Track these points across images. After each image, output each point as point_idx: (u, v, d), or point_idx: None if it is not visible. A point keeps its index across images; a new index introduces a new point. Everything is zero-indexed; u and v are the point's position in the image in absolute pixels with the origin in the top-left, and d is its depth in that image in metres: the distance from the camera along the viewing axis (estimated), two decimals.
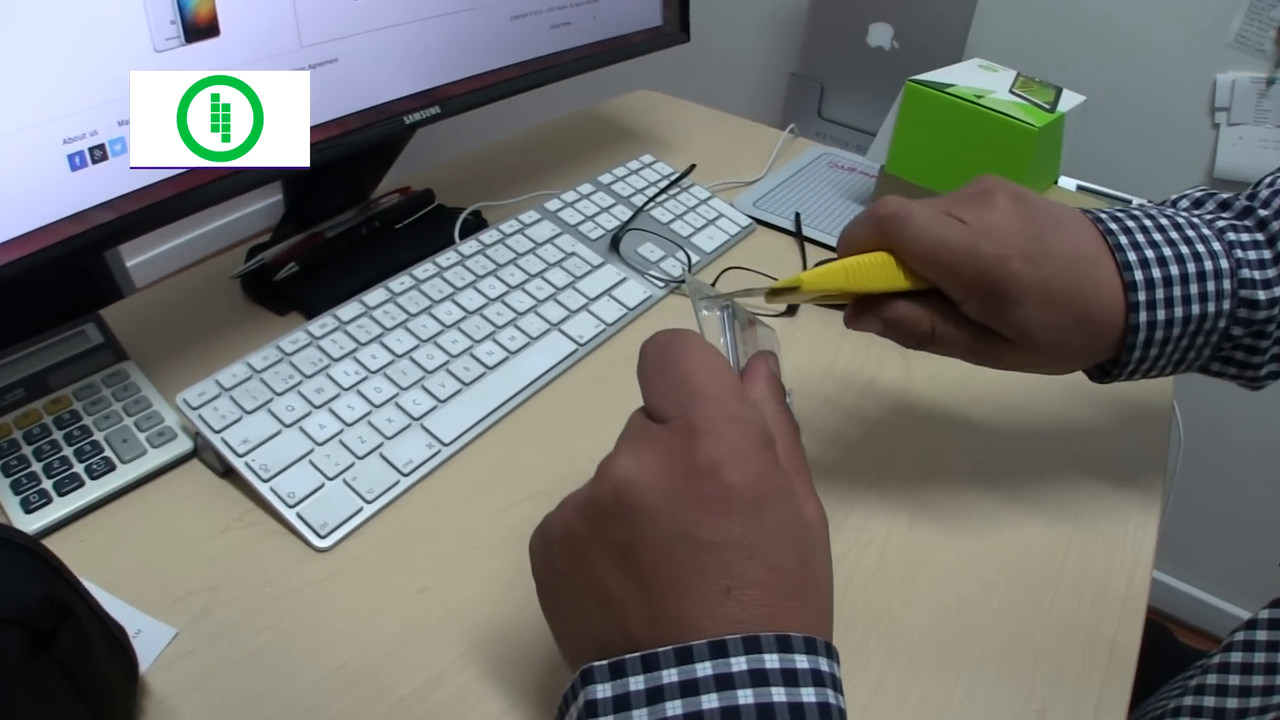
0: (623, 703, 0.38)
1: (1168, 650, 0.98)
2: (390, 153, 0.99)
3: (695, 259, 1.04)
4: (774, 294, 0.60)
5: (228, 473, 0.72)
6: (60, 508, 0.67)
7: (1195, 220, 0.64)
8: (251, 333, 0.86)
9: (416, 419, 0.76)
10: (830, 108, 1.95)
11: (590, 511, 0.44)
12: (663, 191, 1.13)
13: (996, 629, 0.69)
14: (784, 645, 0.38)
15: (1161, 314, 0.61)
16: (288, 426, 0.73)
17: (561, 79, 1.05)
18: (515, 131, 1.33)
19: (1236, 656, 0.64)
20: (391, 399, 0.77)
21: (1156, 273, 0.61)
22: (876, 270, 0.60)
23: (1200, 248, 0.62)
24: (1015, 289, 0.58)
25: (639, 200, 1.10)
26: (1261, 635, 0.63)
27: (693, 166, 1.20)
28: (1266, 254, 0.63)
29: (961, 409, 0.89)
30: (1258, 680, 0.62)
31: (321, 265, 0.92)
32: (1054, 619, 0.70)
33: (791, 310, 0.98)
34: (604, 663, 0.39)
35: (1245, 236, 0.64)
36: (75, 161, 0.66)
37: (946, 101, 1.10)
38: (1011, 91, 1.15)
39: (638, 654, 0.39)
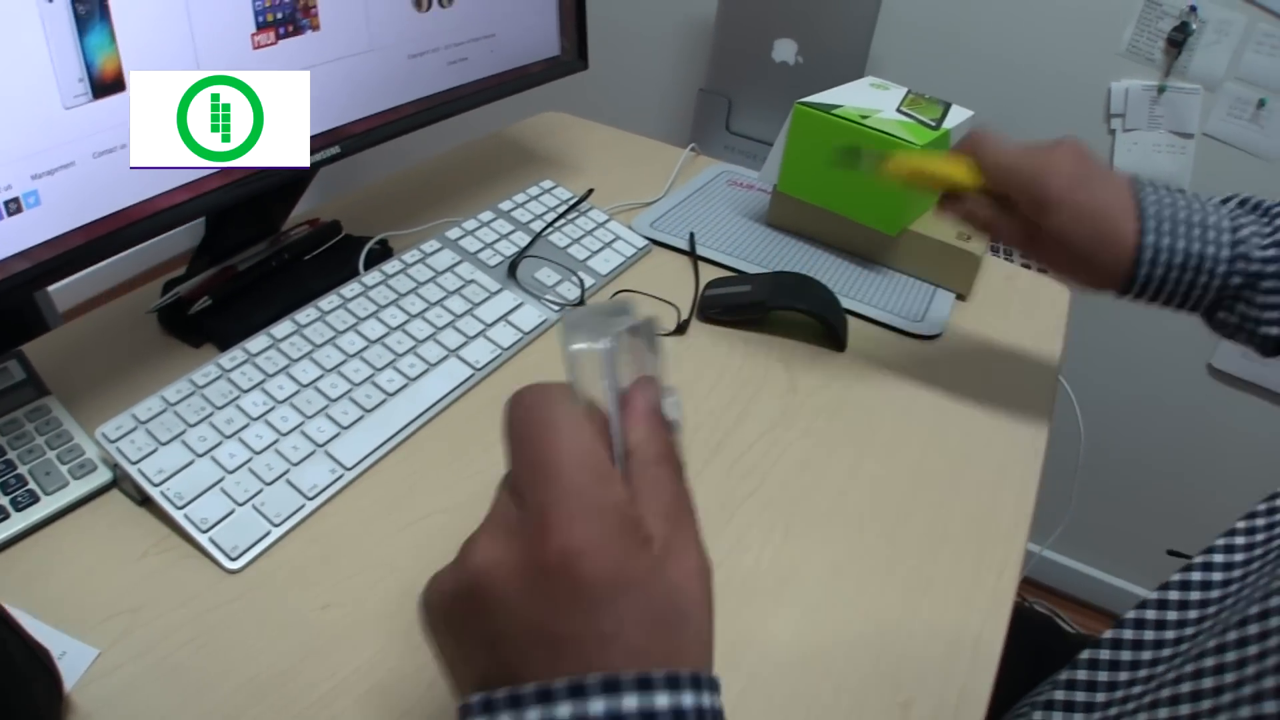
0: None
1: (1054, 641, 1.03)
2: (297, 189, 1.03)
3: (590, 282, 1.09)
4: (882, 158, 0.90)
5: (145, 501, 0.76)
6: None
7: (1207, 203, 0.84)
8: (167, 366, 0.90)
9: (321, 445, 0.81)
10: (738, 122, 1.99)
11: (456, 598, 0.43)
12: (561, 217, 1.18)
13: (865, 627, 0.74)
14: (645, 684, 0.39)
15: (1166, 240, 0.81)
16: (200, 456, 0.77)
17: (460, 112, 1.09)
18: (425, 157, 1.36)
19: (1127, 633, 0.68)
20: (297, 427, 0.81)
21: (1166, 213, 0.82)
22: (961, 166, 0.88)
23: (1207, 213, 0.82)
24: (1055, 199, 0.82)
25: (537, 226, 1.15)
26: (1150, 614, 0.68)
27: (590, 191, 1.24)
28: (1266, 229, 0.82)
29: (841, 421, 0.95)
30: (1145, 655, 0.66)
31: (234, 298, 0.96)
32: (921, 616, 0.76)
33: (681, 329, 1.04)
34: (477, 698, 0.40)
35: (1249, 218, 0.83)
36: None
37: (833, 122, 1.16)
38: (899, 110, 1.21)
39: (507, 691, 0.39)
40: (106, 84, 0.73)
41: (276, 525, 0.75)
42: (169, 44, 0.77)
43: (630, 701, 0.38)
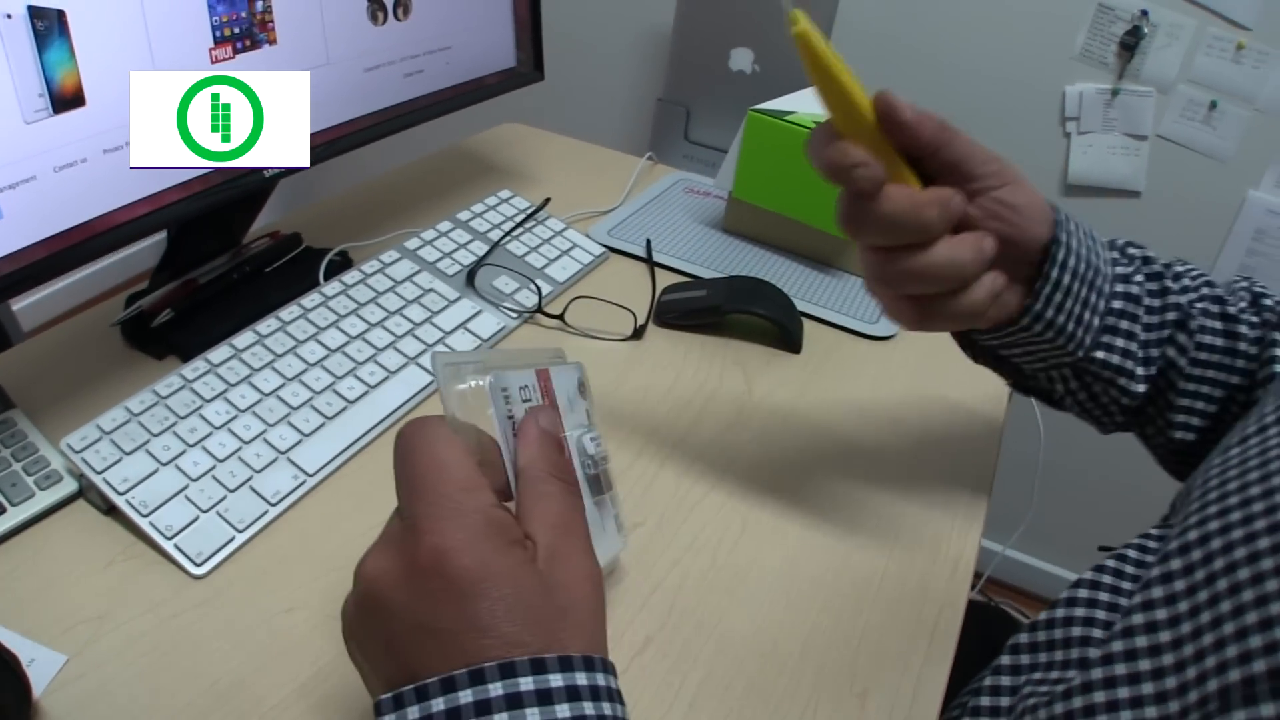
0: None
1: (1005, 634, 1.04)
2: (258, 201, 1.04)
3: (548, 289, 1.11)
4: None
5: (111, 510, 0.77)
6: None
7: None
8: (131, 377, 0.91)
9: (283, 453, 0.82)
10: (696, 131, 2.01)
11: (356, 611, 0.48)
12: (518, 225, 1.20)
13: (820, 621, 0.76)
14: (514, 702, 0.42)
15: (1075, 242, 0.70)
16: (164, 465, 0.78)
17: (417, 124, 1.11)
18: (384, 170, 1.38)
19: (1059, 609, 0.69)
20: (260, 435, 0.83)
21: (1073, 227, 0.70)
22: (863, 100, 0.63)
23: (1097, 247, 0.73)
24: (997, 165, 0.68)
25: (495, 235, 1.17)
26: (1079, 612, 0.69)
27: (548, 200, 1.26)
28: (1125, 260, 0.76)
29: (796, 422, 0.97)
30: (1076, 632, 0.67)
31: (196, 310, 0.97)
32: (878, 609, 0.78)
33: (638, 334, 1.06)
34: (386, 696, 0.44)
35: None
36: None
37: (785, 128, 1.19)
38: None
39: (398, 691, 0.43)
40: (67, 99, 0.74)
41: (240, 531, 0.76)
42: (127, 59, 0.78)
43: (526, 683, 0.42)
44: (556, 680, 0.43)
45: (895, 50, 2.07)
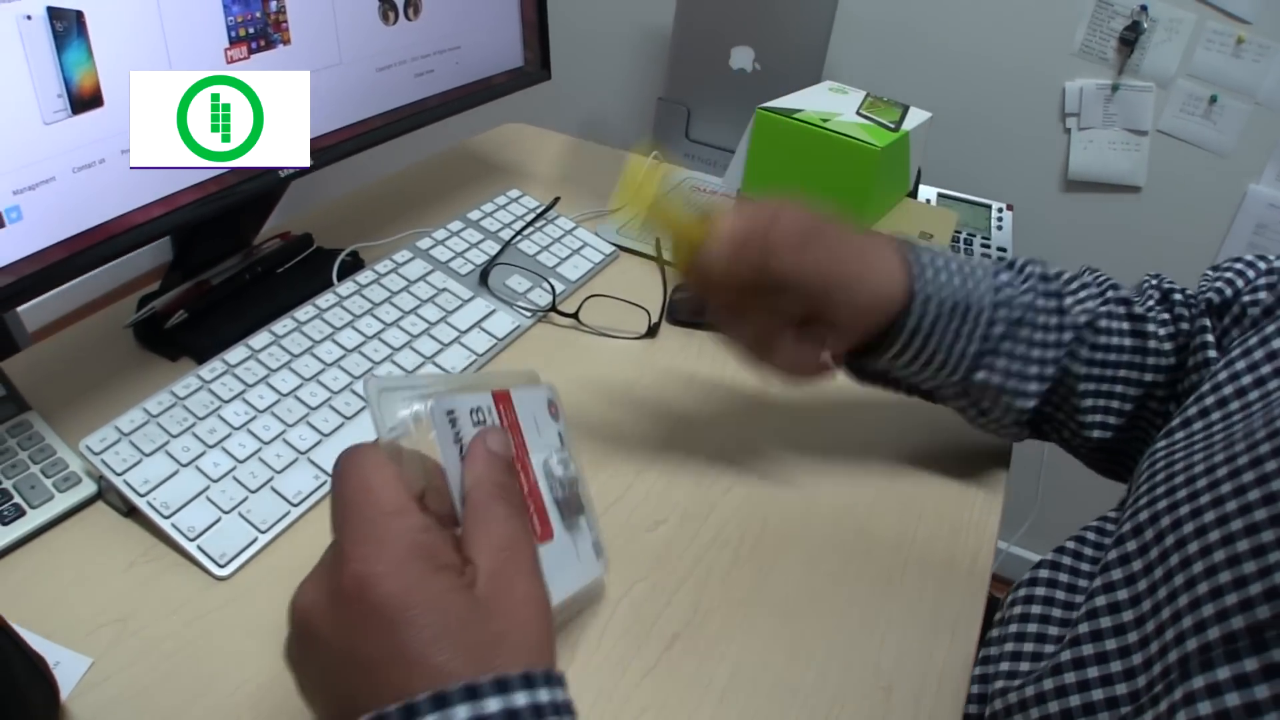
0: None
1: None
2: (269, 202, 1.04)
3: (561, 288, 1.10)
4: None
5: (131, 512, 0.77)
6: None
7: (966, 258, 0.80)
8: (145, 379, 0.90)
9: (303, 453, 0.82)
10: (697, 129, 2.00)
11: (292, 645, 0.47)
12: (529, 225, 1.20)
13: (845, 616, 0.76)
14: (440, 701, 0.41)
15: (940, 273, 0.76)
16: (184, 466, 0.78)
17: (428, 124, 1.11)
18: (390, 170, 1.38)
19: (1038, 594, 0.73)
20: (279, 435, 0.82)
21: (929, 257, 0.77)
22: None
23: (971, 277, 0.78)
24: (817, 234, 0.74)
25: (506, 234, 1.17)
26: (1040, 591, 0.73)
27: (557, 199, 1.26)
28: (1015, 275, 0.81)
29: (812, 418, 0.97)
30: (1036, 610, 0.70)
31: (209, 311, 0.96)
32: (900, 603, 0.78)
33: (652, 332, 1.06)
34: None
35: (1007, 272, 0.81)
36: None
37: (794, 126, 1.19)
38: (858, 113, 1.24)
39: None
40: (85, 99, 0.74)
41: (263, 532, 0.75)
42: (144, 59, 0.78)
43: (461, 712, 0.40)
44: (493, 705, 0.41)
45: (894, 47, 2.07)
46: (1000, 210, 1.99)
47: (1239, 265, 0.78)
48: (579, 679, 0.68)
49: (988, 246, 1.91)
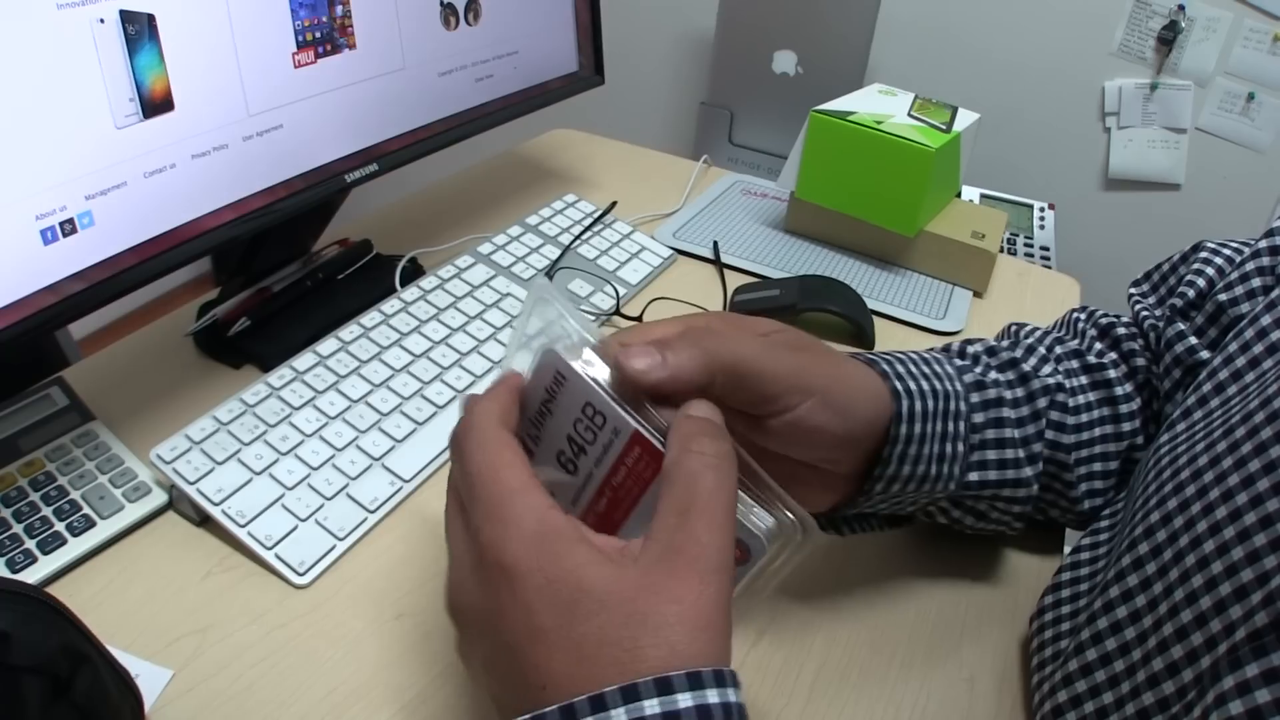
0: None
1: None
2: (330, 208, 1.03)
3: (623, 292, 1.10)
4: None
5: (204, 521, 0.76)
6: (45, 565, 0.70)
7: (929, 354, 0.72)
8: (209, 387, 0.90)
9: (377, 459, 0.81)
10: (740, 134, 2.01)
11: (459, 635, 0.49)
12: (587, 229, 1.19)
13: (923, 611, 0.75)
14: (598, 704, 0.40)
15: (913, 384, 0.65)
16: (258, 474, 0.77)
17: (488, 129, 1.10)
18: (440, 176, 1.37)
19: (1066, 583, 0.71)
20: (352, 442, 0.81)
21: (894, 360, 0.67)
22: None
23: (925, 354, 0.71)
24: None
25: (565, 239, 1.16)
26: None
27: (614, 204, 1.26)
28: (969, 362, 0.74)
29: None
30: (1065, 610, 0.68)
31: (271, 319, 0.96)
32: (976, 599, 0.77)
33: None
34: None
35: (948, 355, 0.74)
36: (48, 236, 0.69)
37: (849, 129, 1.18)
38: (910, 114, 1.23)
39: None
40: (156, 103, 0.74)
41: (341, 539, 0.74)
42: (214, 63, 0.78)
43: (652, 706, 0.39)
44: (686, 700, 0.40)
45: (937, 52, 2.08)
46: (1043, 210, 1.98)
47: (1197, 264, 0.76)
48: None
49: (1031, 245, 1.90)
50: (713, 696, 0.40)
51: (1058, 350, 0.78)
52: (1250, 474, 0.52)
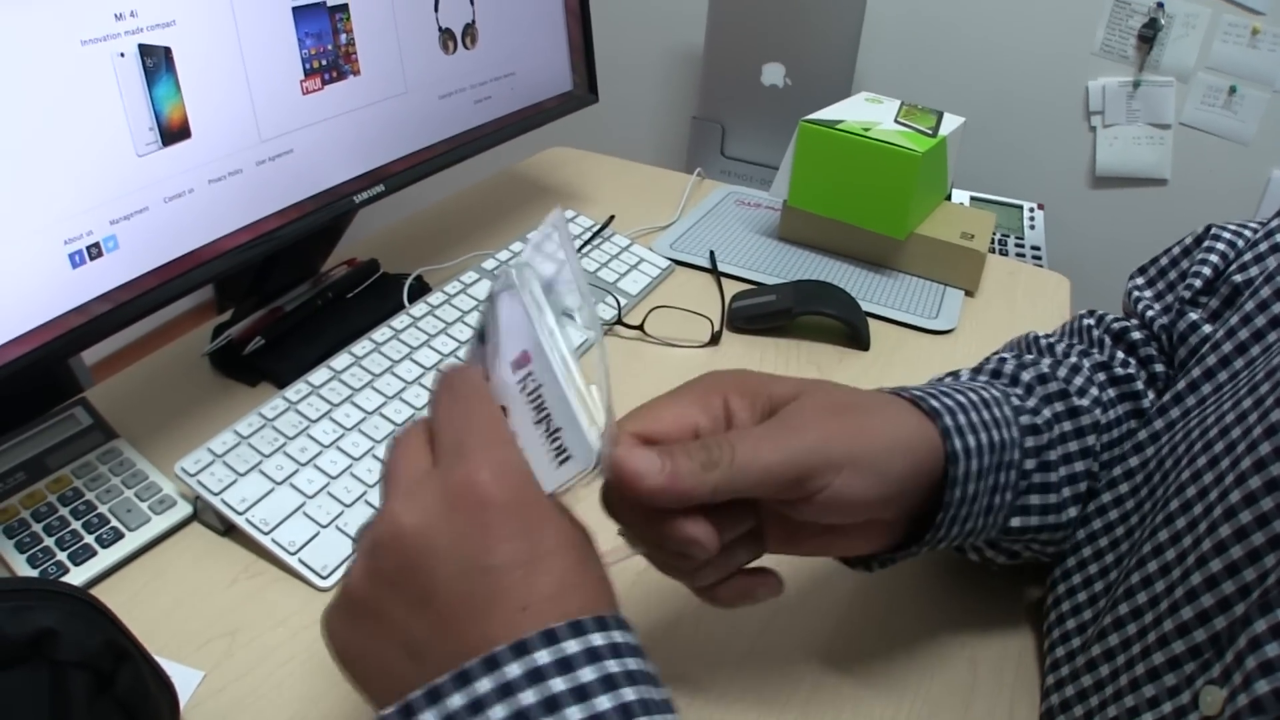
0: None
1: None
2: (338, 229, 1.06)
3: (624, 302, 1.13)
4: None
5: (228, 530, 0.79)
6: (78, 576, 0.73)
7: (973, 381, 0.71)
8: (227, 404, 0.93)
9: None
10: (732, 146, 2.03)
11: (379, 573, 0.44)
12: (586, 243, 1.22)
13: (929, 598, 0.78)
14: (578, 629, 0.41)
15: (971, 439, 0.61)
16: (279, 484, 0.80)
17: (488, 148, 1.14)
18: (441, 196, 1.40)
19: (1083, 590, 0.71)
20: (369, 451, 0.84)
21: (955, 407, 0.62)
22: None
23: (984, 392, 0.66)
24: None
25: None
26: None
27: (612, 217, 1.29)
28: (1023, 392, 0.70)
29: None
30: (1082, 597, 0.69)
31: (284, 337, 0.99)
32: (982, 586, 0.79)
33: (715, 339, 1.08)
34: (420, 693, 0.39)
35: (1004, 386, 0.71)
36: (75, 260, 0.72)
37: (837, 137, 1.21)
38: (896, 121, 1.26)
39: (448, 675, 0.40)
40: (174, 131, 0.77)
41: None
42: (228, 92, 0.81)
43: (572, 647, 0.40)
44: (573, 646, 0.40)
45: (922, 58, 2.11)
46: (1032, 210, 2.01)
47: (1205, 248, 0.76)
48: (678, 665, 0.70)
49: (1021, 246, 1.93)
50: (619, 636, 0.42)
51: (1086, 364, 0.75)
52: (1254, 440, 0.54)
